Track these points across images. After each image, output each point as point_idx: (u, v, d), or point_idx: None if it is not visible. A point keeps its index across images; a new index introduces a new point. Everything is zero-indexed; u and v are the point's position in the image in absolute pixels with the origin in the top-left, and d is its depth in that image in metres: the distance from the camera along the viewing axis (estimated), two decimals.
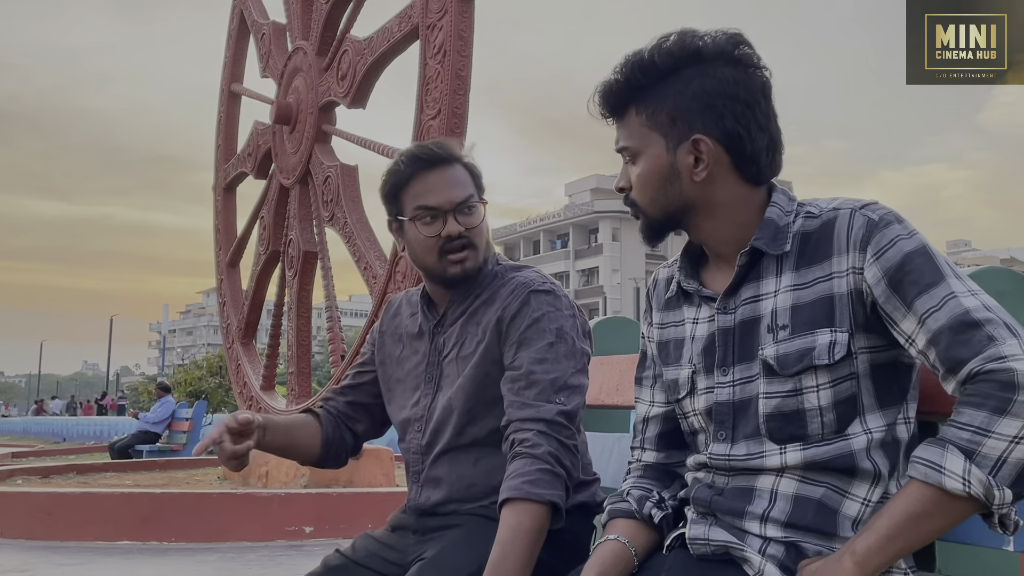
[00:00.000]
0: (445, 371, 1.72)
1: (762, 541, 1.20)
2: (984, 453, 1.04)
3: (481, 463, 1.67)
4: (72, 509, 6.19)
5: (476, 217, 1.69)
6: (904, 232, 1.17)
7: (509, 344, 1.64)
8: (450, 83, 5.92)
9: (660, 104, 1.26)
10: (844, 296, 1.18)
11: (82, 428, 24.89)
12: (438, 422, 1.69)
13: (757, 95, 1.25)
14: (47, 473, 8.98)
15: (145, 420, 12.35)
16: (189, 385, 19.72)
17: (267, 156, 8.80)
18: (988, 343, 1.07)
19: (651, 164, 1.27)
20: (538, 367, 1.60)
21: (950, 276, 1.14)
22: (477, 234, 1.69)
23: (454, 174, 1.70)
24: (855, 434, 1.18)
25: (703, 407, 1.29)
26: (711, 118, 1.24)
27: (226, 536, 5.88)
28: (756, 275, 1.25)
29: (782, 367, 1.20)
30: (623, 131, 1.30)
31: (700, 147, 1.24)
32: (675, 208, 1.28)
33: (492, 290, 1.71)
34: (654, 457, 1.41)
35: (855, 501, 1.19)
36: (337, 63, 7.47)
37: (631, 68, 1.27)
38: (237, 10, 9.84)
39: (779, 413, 1.20)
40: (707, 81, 1.24)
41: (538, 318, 1.63)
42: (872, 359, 1.19)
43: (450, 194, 1.68)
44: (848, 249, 1.18)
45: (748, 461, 1.23)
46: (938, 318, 1.11)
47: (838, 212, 1.21)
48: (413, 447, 1.74)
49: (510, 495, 1.49)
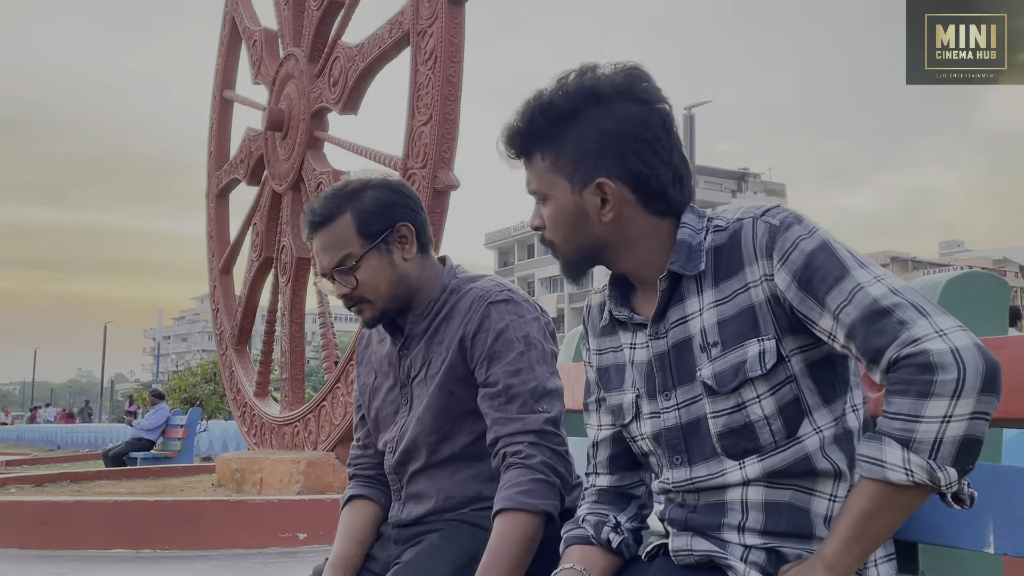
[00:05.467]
0: (415, 392, 1.71)
1: (743, 549, 1.21)
2: (919, 439, 1.05)
3: (457, 476, 1.67)
4: (66, 517, 6.17)
5: (358, 274, 1.65)
6: (804, 232, 1.18)
7: (479, 360, 1.63)
8: (441, 89, 5.93)
9: (562, 148, 1.26)
10: (763, 304, 1.19)
11: (76, 435, 24.81)
12: (409, 442, 1.69)
13: (658, 131, 1.25)
14: (41, 481, 8.95)
15: (139, 427, 12.31)
16: (183, 392, 19.66)
17: (259, 162, 8.80)
18: (900, 328, 1.07)
19: (559, 207, 1.28)
20: (515, 379, 1.59)
21: (854, 267, 1.14)
22: (365, 289, 1.66)
23: (329, 236, 1.66)
24: (806, 435, 1.19)
25: (650, 432, 1.29)
26: (613, 159, 1.24)
27: (220, 543, 5.87)
28: (679, 297, 1.26)
29: (720, 385, 1.21)
30: (531, 174, 1.31)
31: (604, 189, 1.24)
32: (588, 247, 1.29)
33: (451, 305, 1.69)
34: (607, 481, 1.41)
35: (822, 499, 1.20)
36: (329, 69, 7.48)
37: (531, 113, 1.27)
38: (229, 17, 9.85)
39: (729, 430, 1.21)
40: (607, 123, 1.24)
41: (502, 329, 1.62)
42: (806, 358, 1.20)
43: (323, 261, 1.67)
44: (756, 257, 1.19)
45: (711, 480, 1.23)
46: (849, 312, 1.11)
47: (742, 222, 1.22)
48: (389, 468, 1.75)
49: (504, 505, 1.50)
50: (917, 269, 58.80)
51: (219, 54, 10.03)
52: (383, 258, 1.66)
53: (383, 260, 1.66)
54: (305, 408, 7.62)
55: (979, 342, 1.06)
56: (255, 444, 8.49)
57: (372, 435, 1.83)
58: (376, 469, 1.82)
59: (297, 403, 8.09)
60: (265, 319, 8.94)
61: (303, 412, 7.60)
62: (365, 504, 1.80)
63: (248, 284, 9.05)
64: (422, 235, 1.71)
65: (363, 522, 1.77)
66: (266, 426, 8.28)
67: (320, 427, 7.31)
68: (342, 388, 7.06)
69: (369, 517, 1.79)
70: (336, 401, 7.14)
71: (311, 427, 7.44)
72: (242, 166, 9.21)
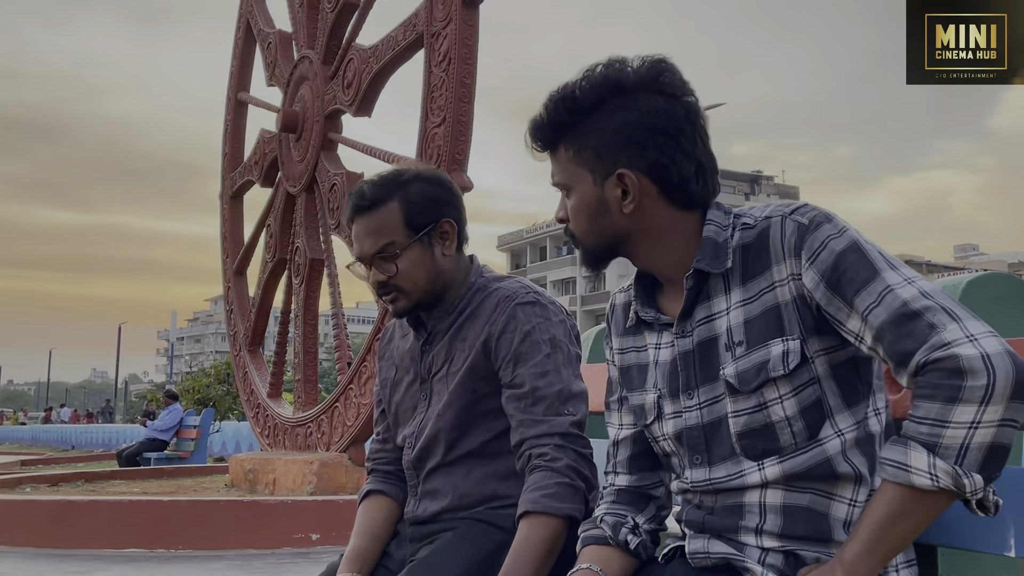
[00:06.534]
0: (435, 388, 1.71)
1: (760, 551, 1.20)
2: (945, 444, 1.04)
3: (474, 473, 1.67)
4: (81, 517, 6.21)
5: (399, 263, 1.65)
6: (834, 231, 1.16)
7: (504, 361, 1.62)
8: (455, 91, 5.94)
9: (585, 140, 1.26)
10: (789, 304, 1.18)
11: (91, 436, 24.96)
12: (428, 438, 1.69)
13: (681, 123, 1.24)
14: (56, 481, 9.01)
15: (153, 428, 12.38)
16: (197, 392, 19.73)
17: (273, 164, 8.83)
18: (930, 332, 1.06)
19: (581, 198, 1.28)
20: (541, 381, 1.58)
21: (884, 268, 1.13)
22: (403, 278, 1.66)
23: (375, 222, 1.66)
24: (827, 438, 1.18)
25: (672, 432, 1.29)
26: (635, 151, 1.24)
27: (233, 544, 5.89)
28: (706, 295, 1.25)
29: (742, 384, 1.20)
30: (555, 166, 1.31)
31: (625, 181, 1.24)
32: (610, 238, 1.28)
33: (476, 304, 1.69)
34: (627, 481, 1.40)
35: (842, 503, 1.19)
36: (343, 71, 7.50)
37: (556, 105, 1.27)
38: (243, 19, 9.89)
39: (749, 430, 1.20)
40: (629, 114, 1.24)
41: (529, 331, 1.61)
42: (830, 360, 1.18)
43: (364, 245, 1.66)
44: (784, 256, 1.18)
45: (730, 481, 1.23)
46: (878, 314, 1.10)
47: (770, 221, 1.21)
48: (407, 463, 1.75)
49: (529, 508, 1.50)
50: (932, 273, 58.45)
51: (234, 56, 10.07)
52: (425, 251, 1.66)
53: (425, 253, 1.66)
54: (318, 409, 7.64)
55: (1010, 348, 1.04)
56: (268, 445, 8.51)
57: (392, 429, 1.83)
58: (395, 464, 1.81)
59: (310, 404, 8.11)
60: (278, 320, 8.97)
61: (316, 413, 7.62)
62: (382, 499, 1.80)
63: (262, 285, 9.08)
64: (462, 233, 1.73)
65: (380, 517, 1.77)
66: (279, 427, 8.30)
67: (333, 428, 7.32)
68: (355, 389, 7.08)
69: (386, 513, 1.78)
70: (349, 402, 7.15)
71: (324, 428, 7.45)
72: (256, 167, 9.24)
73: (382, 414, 1.87)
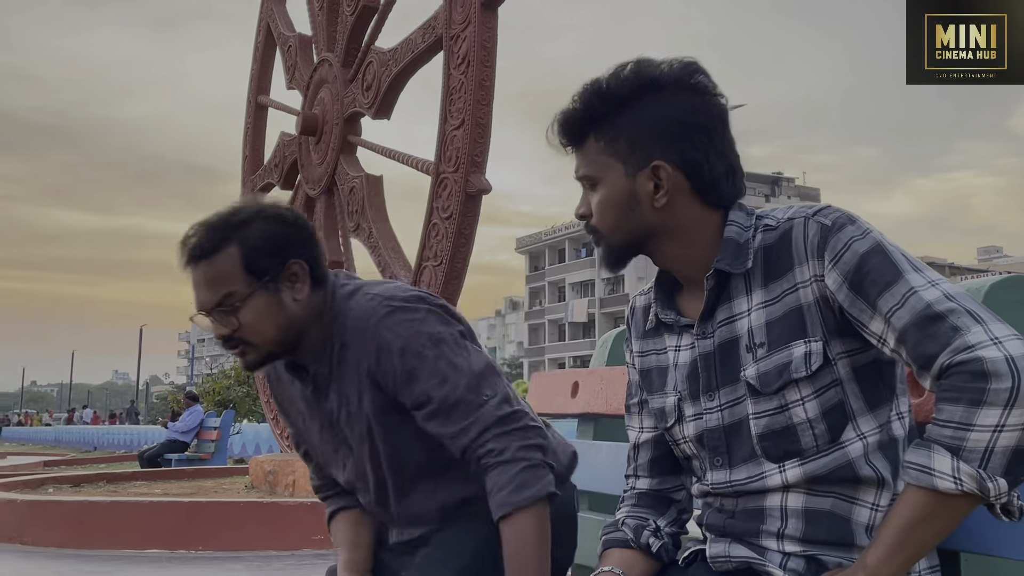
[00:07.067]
0: (347, 433, 1.61)
1: (782, 556, 1.19)
2: (969, 448, 1.03)
3: (439, 488, 1.60)
4: (103, 517, 6.26)
5: (241, 316, 1.49)
6: (858, 233, 1.15)
7: (399, 387, 1.51)
8: (473, 93, 5.95)
9: (618, 131, 1.25)
10: (812, 305, 1.17)
11: (112, 437, 25.17)
12: (376, 484, 1.62)
13: (715, 122, 1.25)
14: (78, 482, 9.08)
15: (174, 429, 12.46)
16: (217, 394, 19.85)
17: (293, 167, 8.88)
18: (954, 334, 1.05)
19: (611, 191, 1.26)
20: (445, 388, 1.49)
21: (908, 271, 1.12)
22: (248, 331, 1.50)
23: (211, 271, 1.49)
24: (849, 440, 1.17)
25: (693, 434, 1.28)
26: (670, 144, 1.23)
27: (253, 545, 5.92)
28: (727, 296, 1.24)
29: (764, 385, 1.19)
30: (582, 159, 1.29)
31: (660, 173, 1.23)
32: (637, 234, 1.27)
33: (339, 333, 1.55)
34: (648, 484, 1.40)
35: (864, 507, 1.18)
36: (362, 74, 7.53)
37: (589, 96, 1.27)
38: (264, 23, 9.95)
39: (770, 432, 1.20)
40: (665, 108, 1.24)
41: (404, 347, 1.49)
42: (853, 362, 1.18)
43: (202, 296, 1.50)
44: (807, 258, 1.18)
45: (750, 483, 1.22)
46: (901, 316, 1.09)
47: (792, 222, 1.20)
48: (369, 507, 1.69)
49: (501, 512, 1.45)
50: (955, 275, 57.95)
51: (254, 59, 10.14)
52: (271, 298, 1.51)
53: (271, 301, 1.51)
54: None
55: None
56: (288, 447, 8.55)
57: (324, 468, 1.75)
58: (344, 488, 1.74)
59: None
60: None
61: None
62: (352, 514, 1.73)
63: None
64: (316, 270, 1.57)
65: (358, 529, 1.72)
66: None
67: None
68: None
69: (361, 524, 1.72)
70: None
71: None
72: (276, 170, 9.30)
73: (306, 455, 1.78)
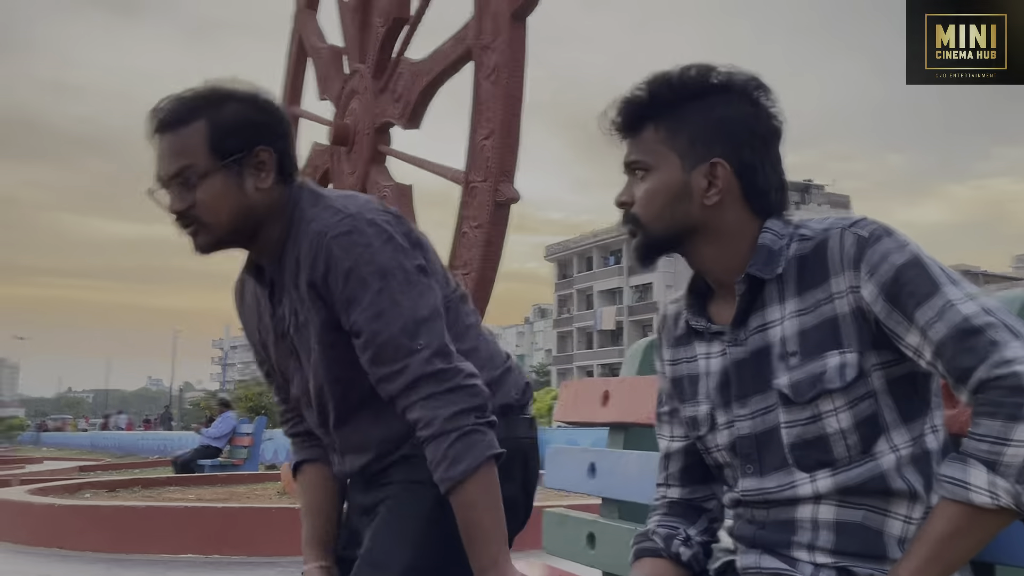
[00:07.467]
0: (297, 343, 1.55)
1: (813, 567, 1.19)
2: (1006, 462, 1.02)
3: (381, 417, 1.52)
4: (139, 523, 6.35)
5: (198, 192, 1.45)
6: (895, 245, 1.16)
7: (338, 308, 1.45)
8: (503, 104, 5.97)
9: (681, 124, 1.27)
10: (847, 316, 1.17)
11: (147, 443, 25.49)
12: (318, 398, 1.56)
13: (774, 136, 1.27)
14: (114, 487, 9.21)
15: (207, 435, 12.59)
16: (249, 401, 20.03)
17: (325, 176, 8.96)
18: (991, 348, 1.05)
19: (663, 181, 1.27)
20: (378, 323, 1.42)
21: (945, 284, 1.12)
22: (203, 210, 1.45)
23: (174, 142, 1.45)
24: (882, 453, 1.17)
25: (725, 442, 1.28)
26: (730, 146, 1.25)
27: (286, 551, 5.95)
28: (760, 303, 1.24)
29: (797, 395, 1.19)
30: (636, 146, 1.30)
31: (716, 171, 1.25)
32: (679, 228, 1.27)
33: (295, 238, 1.49)
34: (679, 493, 1.40)
35: (897, 519, 1.18)
36: (393, 85, 7.59)
37: (658, 85, 1.28)
38: (296, 35, 10.07)
39: (802, 441, 1.20)
40: (729, 111, 1.26)
41: (350, 268, 1.43)
42: (888, 375, 1.17)
43: (162, 166, 1.46)
44: (843, 269, 1.18)
45: (781, 492, 1.22)
46: (939, 329, 1.09)
47: (828, 233, 1.21)
48: (314, 427, 1.64)
49: (445, 488, 1.41)
50: (989, 283, 57.03)
51: (286, 71, 10.25)
52: (231, 181, 1.47)
53: (231, 183, 1.47)
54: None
55: None
56: None
57: (285, 388, 1.68)
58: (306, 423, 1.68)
59: None
60: None
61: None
62: (315, 471, 1.69)
63: None
64: (285, 163, 1.52)
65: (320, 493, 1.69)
66: None
67: None
68: None
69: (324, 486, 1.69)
70: None
71: None
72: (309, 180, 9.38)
73: (269, 374, 1.71)
